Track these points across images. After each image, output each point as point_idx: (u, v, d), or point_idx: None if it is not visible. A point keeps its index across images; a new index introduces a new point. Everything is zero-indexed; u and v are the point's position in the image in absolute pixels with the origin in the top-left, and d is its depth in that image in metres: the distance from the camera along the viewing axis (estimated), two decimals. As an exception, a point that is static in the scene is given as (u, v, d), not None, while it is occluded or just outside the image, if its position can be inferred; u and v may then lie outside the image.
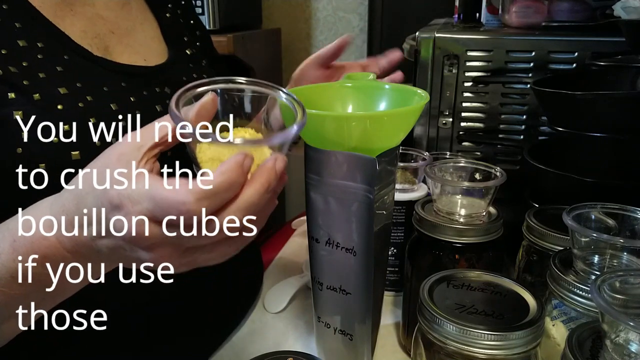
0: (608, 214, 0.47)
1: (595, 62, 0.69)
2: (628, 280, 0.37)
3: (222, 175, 0.31)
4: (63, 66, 0.51)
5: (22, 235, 0.39)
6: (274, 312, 0.69)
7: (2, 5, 0.50)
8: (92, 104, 0.50)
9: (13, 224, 0.40)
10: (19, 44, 0.49)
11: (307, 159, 0.48)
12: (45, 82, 0.49)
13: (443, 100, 0.86)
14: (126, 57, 0.59)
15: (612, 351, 0.33)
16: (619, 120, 0.59)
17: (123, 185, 0.34)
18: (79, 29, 0.56)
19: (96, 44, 0.56)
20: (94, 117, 0.50)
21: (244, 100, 0.37)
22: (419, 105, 0.46)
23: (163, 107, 0.57)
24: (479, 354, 0.37)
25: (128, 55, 0.59)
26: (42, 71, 0.49)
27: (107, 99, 0.52)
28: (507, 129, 0.86)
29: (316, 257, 0.50)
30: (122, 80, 0.55)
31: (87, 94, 0.51)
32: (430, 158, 0.69)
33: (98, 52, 0.56)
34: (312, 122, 0.46)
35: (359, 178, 0.44)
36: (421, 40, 0.85)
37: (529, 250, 0.56)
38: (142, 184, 0.33)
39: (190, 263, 0.36)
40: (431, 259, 0.53)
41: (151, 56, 0.62)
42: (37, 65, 0.49)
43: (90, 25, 0.57)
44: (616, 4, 0.73)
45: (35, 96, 0.48)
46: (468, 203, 0.54)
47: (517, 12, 0.91)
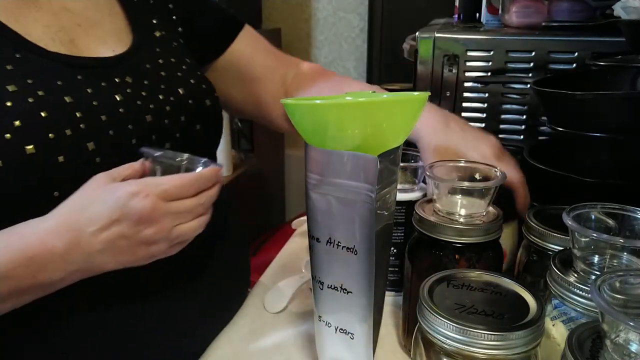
0: (608, 214, 0.47)
1: (595, 62, 0.70)
2: (628, 280, 0.37)
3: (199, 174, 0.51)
4: (13, 64, 0.51)
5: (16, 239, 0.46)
6: (274, 312, 0.69)
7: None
8: (44, 99, 0.51)
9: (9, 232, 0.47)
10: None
11: (308, 159, 0.48)
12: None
13: (443, 100, 0.86)
14: (93, 49, 0.59)
15: (612, 351, 0.34)
16: (619, 120, 0.59)
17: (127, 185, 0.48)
18: (42, 24, 0.56)
19: (60, 38, 0.56)
20: (45, 110, 0.50)
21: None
22: (422, 95, 0.47)
23: (123, 96, 0.56)
24: (479, 354, 0.37)
25: (95, 47, 0.59)
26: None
27: (60, 92, 0.52)
28: (507, 129, 0.86)
29: (317, 257, 0.50)
30: (77, 74, 0.55)
31: (38, 89, 0.51)
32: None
33: (61, 46, 0.56)
34: (314, 116, 0.46)
35: (361, 177, 0.44)
36: (421, 40, 0.85)
37: (529, 250, 0.56)
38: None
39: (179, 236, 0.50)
40: (431, 259, 0.53)
41: (119, 46, 0.61)
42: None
43: (55, 20, 0.57)
44: (616, 4, 0.73)
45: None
46: (468, 203, 0.54)
47: (517, 12, 0.91)
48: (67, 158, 0.50)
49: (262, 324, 0.67)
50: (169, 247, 0.50)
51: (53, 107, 0.51)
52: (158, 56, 0.64)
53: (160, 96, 0.60)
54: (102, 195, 0.48)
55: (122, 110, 0.55)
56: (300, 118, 0.47)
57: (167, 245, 0.50)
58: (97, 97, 0.54)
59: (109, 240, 0.47)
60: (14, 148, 0.48)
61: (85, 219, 0.47)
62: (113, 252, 0.48)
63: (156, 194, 0.47)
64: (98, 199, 0.48)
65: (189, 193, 0.50)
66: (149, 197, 0.47)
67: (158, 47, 0.65)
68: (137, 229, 0.47)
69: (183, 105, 0.62)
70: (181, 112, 0.61)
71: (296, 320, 0.67)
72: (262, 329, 0.66)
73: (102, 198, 0.48)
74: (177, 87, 0.62)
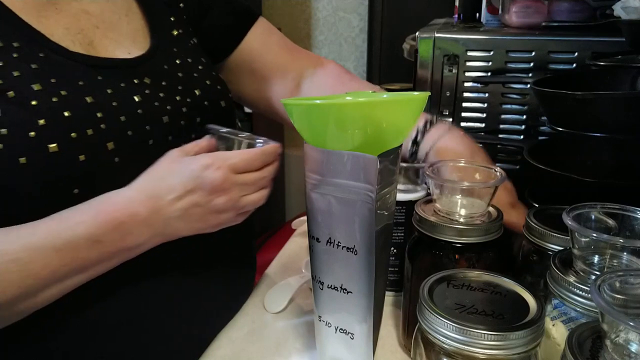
0: (608, 214, 0.47)
1: (595, 62, 0.70)
2: (628, 280, 0.37)
3: (263, 149, 0.56)
4: (38, 64, 0.52)
5: (103, 206, 0.50)
6: (274, 312, 0.69)
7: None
8: (67, 98, 0.52)
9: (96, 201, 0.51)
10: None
11: (308, 159, 0.48)
12: (19, 80, 0.51)
13: (443, 100, 0.86)
14: (111, 51, 0.60)
15: (612, 351, 0.34)
16: (619, 120, 0.59)
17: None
18: (63, 26, 0.57)
19: (79, 39, 0.57)
20: (68, 110, 0.51)
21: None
22: (422, 95, 0.47)
23: (141, 97, 0.58)
24: (479, 354, 0.37)
25: (113, 48, 0.60)
26: (17, 69, 0.51)
27: (81, 92, 0.53)
28: (507, 129, 0.86)
29: (317, 256, 0.50)
30: (98, 74, 0.56)
31: (61, 89, 0.52)
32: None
33: (80, 47, 0.57)
34: (314, 116, 0.46)
35: (361, 177, 0.44)
36: (421, 40, 0.85)
37: (529, 250, 0.56)
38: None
39: (244, 206, 0.55)
40: (431, 259, 0.53)
41: (135, 48, 0.62)
42: (11, 65, 0.51)
43: (75, 22, 0.58)
44: (616, 4, 0.73)
45: (10, 94, 0.50)
46: (468, 203, 0.54)
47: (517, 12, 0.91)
48: (87, 157, 0.51)
49: (262, 324, 0.67)
50: (236, 216, 0.55)
51: (76, 107, 0.52)
52: (175, 56, 0.65)
53: (177, 97, 0.61)
54: (178, 167, 0.53)
55: (140, 111, 0.57)
56: (300, 118, 0.47)
57: (234, 214, 0.55)
58: (117, 98, 0.56)
59: (184, 208, 0.52)
60: (37, 146, 0.49)
61: (163, 189, 0.52)
62: (187, 219, 0.52)
63: (227, 166, 0.52)
64: (174, 170, 0.53)
65: (254, 167, 0.55)
66: (221, 169, 0.52)
67: (175, 46, 0.66)
68: (210, 198, 0.52)
69: (199, 106, 0.63)
70: (197, 114, 0.62)
71: (296, 320, 0.67)
72: (262, 329, 0.66)
73: (178, 170, 0.52)
74: (193, 89, 0.63)
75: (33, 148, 0.49)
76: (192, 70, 0.65)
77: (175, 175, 0.52)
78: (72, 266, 0.49)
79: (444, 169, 0.58)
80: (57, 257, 0.48)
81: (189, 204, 0.52)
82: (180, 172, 0.52)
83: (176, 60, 0.64)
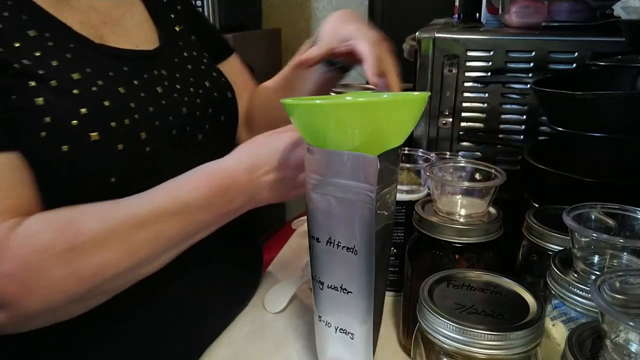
0: (608, 214, 0.47)
1: (595, 62, 0.69)
2: (628, 280, 0.37)
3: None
4: (71, 54, 0.53)
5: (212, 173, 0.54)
6: (274, 312, 0.69)
7: (7, 1, 0.52)
8: (104, 88, 0.53)
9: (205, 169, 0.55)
10: (29, 34, 0.52)
11: (308, 159, 0.48)
12: (59, 69, 0.52)
13: (443, 100, 0.86)
14: (120, 45, 0.61)
15: (612, 351, 0.34)
16: (619, 120, 0.59)
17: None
18: (77, 20, 0.58)
19: (93, 34, 0.58)
20: (107, 99, 0.53)
21: None
22: (422, 95, 0.47)
23: (163, 89, 0.59)
24: (479, 354, 0.37)
25: (121, 43, 0.61)
26: (55, 59, 0.52)
27: (114, 83, 0.55)
28: (507, 129, 0.86)
29: (317, 256, 0.50)
30: (123, 65, 0.58)
31: (98, 79, 0.53)
32: (437, 159, 0.69)
33: (96, 40, 0.58)
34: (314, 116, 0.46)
35: (361, 177, 0.44)
36: (421, 40, 0.85)
37: (529, 250, 0.56)
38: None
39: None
40: (431, 259, 0.53)
41: (141, 42, 0.64)
42: (49, 54, 0.52)
43: (85, 17, 0.59)
44: (616, 4, 0.73)
45: (52, 83, 0.50)
46: (468, 203, 0.54)
47: (517, 12, 0.91)
48: (124, 146, 0.53)
49: (262, 324, 0.67)
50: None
51: (113, 97, 0.53)
52: (182, 49, 0.67)
53: (191, 89, 0.63)
54: (272, 142, 0.56)
55: (164, 102, 0.58)
56: (300, 118, 0.47)
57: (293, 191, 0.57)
58: (144, 89, 0.57)
59: (274, 181, 0.56)
60: (80, 134, 0.50)
61: (259, 161, 0.55)
62: (275, 190, 0.56)
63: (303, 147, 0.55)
64: (269, 145, 0.56)
65: None
66: (301, 149, 0.54)
67: (180, 40, 0.68)
68: (295, 173, 0.55)
69: (210, 97, 0.65)
70: (209, 105, 0.65)
71: (296, 320, 0.67)
72: (262, 329, 0.66)
73: (272, 145, 0.56)
74: (203, 81, 0.65)
75: (75, 136, 0.50)
76: (199, 63, 0.67)
77: (269, 150, 0.56)
78: (187, 230, 0.53)
79: (444, 169, 0.58)
80: (177, 221, 0.52)
81: (278, 177, 0.56)
82: (274, 147, 0.55)
83: (183, 53, 0.66)
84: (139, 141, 0.54)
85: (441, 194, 0.55)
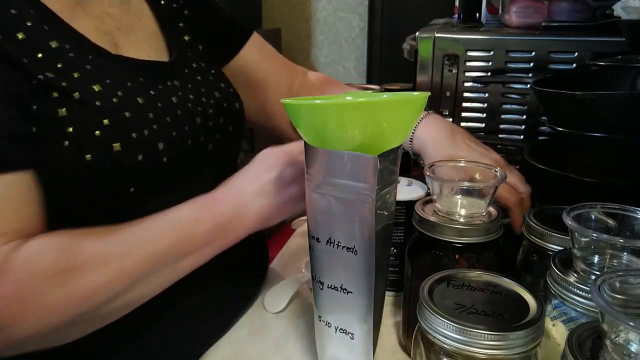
0: (608, 214, 0.47)
1: (595, 62, 0.70)
2: (628, 280, 0.37)
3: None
4: (91, 65, 0.54)
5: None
6: (274, 312, 0.69)
7: (30, 10, 0.52)
8: (123, 99, 0.54)
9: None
10: (51, 46, 0.52)
11: (308, 159, 0.48)
12: (80, 81, 0.52)
13: (443, 100, 0.86)
14: (133, 53, 0.61)
15: (612, 351, 0.34)
16: (619, 120, 0.59)
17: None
18: (93, 27, 0.58)
19: (108, 41, 0.59)
20: (128, 111, 0.53)
21: None
22: (422, 95, 0.47)
23: (177, 99, 0.60)
24: (479, 354, 0.37)
25: (134, 51, 0.61)
26: (76, 71, 0.52)
27: (133, 94, 0.55)
28: (507, 129, 0.86)
29: (317, 256, 0.50)
30: (139, 76, 0.58)
31: (117, 90, 0.54)
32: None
33: (111, 49, 0.58)
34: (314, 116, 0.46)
35: (361, 177, 0.44)
36: (421, 40, 0.85)
37: (529, 250, 0.56)
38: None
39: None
40: (431, 259, 0.53)
41: (152, 51, 0.64)
42: (70, 66, 0.52)
43: (101, 23, 0.59)
44: (616, 4, 0.73)
45: (75, 95, 0.51)
46: (468, 203, 0.54)
47: (517, 12, 0.91)
48: (144, 157, 0.53)
49: (262, 324, 0.67)
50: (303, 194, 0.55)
51: (132, 108, 0.54)
52: (191, 60, 0.67)
53: (203, 99, 0.63)
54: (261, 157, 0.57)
55: (179, 112, 0.59)
56: (300, 118, 0.47)
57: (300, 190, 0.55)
58: (160, 99, 0.57)
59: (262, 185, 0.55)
60: (102, 145, 0.51)
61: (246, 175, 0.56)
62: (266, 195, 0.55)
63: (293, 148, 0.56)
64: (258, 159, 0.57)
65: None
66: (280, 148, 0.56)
67: (189, 51, 0.68)
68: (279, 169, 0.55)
69: (220, 107, 0.65)
70: (219, 115, 0.65)
71: (296, 320, 0.67)
72: (262, 329, 0.66)
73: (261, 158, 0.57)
74: (213, 91, 0.65)
75: (99, 147, 0.51)
76: (207, 74, 0.67)
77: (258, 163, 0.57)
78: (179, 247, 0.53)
79: (444, 169, 0.58)
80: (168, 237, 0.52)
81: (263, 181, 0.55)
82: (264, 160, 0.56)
83: (192, 64, 0.66)
84: (157, 151, 0.55)
85: (441, 194, 0.55)
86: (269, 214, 0.56)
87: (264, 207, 0.55)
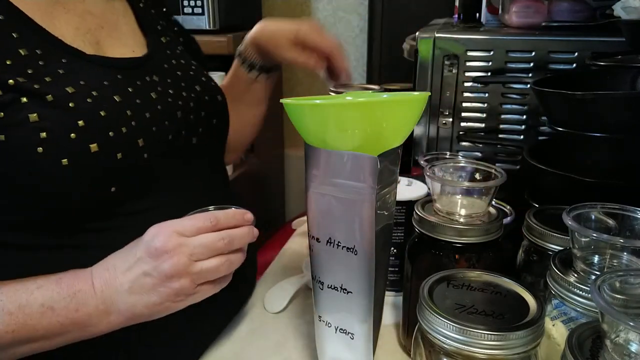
0: (608, 214, 0.47)
1: (595, 62, 0.69)
2: (628, 280, 0.37)
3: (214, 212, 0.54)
4: (63, 68, 0.53)
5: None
6: (274, 312, 0.69)
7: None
8: (98, 98, 0.53)
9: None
10: (20, 53, 0.51)
11: (308, 159, 0.48)
12: (53, 84, 0.51)
13: (443, 100, 0.86)
14: (117, 50, 0.61)
15: (612, 351, 0.34)
16: (619, 120, 0.59)
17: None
18: (73, 26, 0.57)
19: (88, 39, 0.58)
20: (103, 110, 0.53)
21: None
22: (422, 95, 0.47)
23: (157, 94, 0.59)
24: (479, 354, 0.37)
25: (118, 48, 0.61)
26: (47, 75, 0.51)
27: (109, 92, 0.55)
28: (507, 129, 0.86)
29: (317, 256, 0.50)
30: (117, 74, 0.57)
31: (92, 90, 0.53)
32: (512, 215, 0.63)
33: (91, 47, 0.58)
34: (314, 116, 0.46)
35: (361, 177, 0.44)
36: (421, 40, 0.85)
37: (529, 250, 0.56)
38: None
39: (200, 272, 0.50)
40: (431, 259, 0.53)
41: (136, 47, 0.64)
42: (40, 72, 0.51)
43: (82, 22, 0.59)
44: (616, 4, 0.73)
45: (48, 97, 0.50)
46: (468, 203, 0.54)
47: (517, 12, 0.91)
48: (124, 155, 0.53)
49: (262, 324, 0.67)
50: (194, 286, 0.50)
51: (108, 106, 0.53)
52: (170, 57, 0.67)
53: (184, 93, 0.63)
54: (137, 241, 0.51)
55: (159, 107, 0.58)
56: (300, 118, 0.47)
57: (189, 282, 0.50)
58: (139, 96, 0.57)
59: (133, 279, 0.49)
60: (79, 147, 0.50)
61: (119, 260, 0.51)
62: (138, 291, 0.49)
63: (172, 230, 0.50)
64: (132, 244, 0.51)
65: (205, 229, 0.51)
66: (164, 234, 0.49)
67: (168, 49, 0.68)
68: (156, 263, 0.49)
69: (201, 101, 0.65)
70: (201, 108, 0.65)
71: (296, 320, 0.67)
72: (262, 329, 0.66)
73: (134, 243, 0.51)
74: (193, 85, 0.66)
75: (75, 149, 0.50)
76: (187, 70, 0.68)
77: (131, 246, 0.51)
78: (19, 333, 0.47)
79: (444, 169, 0.58)
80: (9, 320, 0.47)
81: (137, 273, 0.49)
82: (136, 244, 0.51)
83: (172, 60, 0.67)
84: (137, 148, 0.54)
85: (441, 194, 0.55)
86: (141, 313, 0.50)
87: (136, 305, 0.50)
